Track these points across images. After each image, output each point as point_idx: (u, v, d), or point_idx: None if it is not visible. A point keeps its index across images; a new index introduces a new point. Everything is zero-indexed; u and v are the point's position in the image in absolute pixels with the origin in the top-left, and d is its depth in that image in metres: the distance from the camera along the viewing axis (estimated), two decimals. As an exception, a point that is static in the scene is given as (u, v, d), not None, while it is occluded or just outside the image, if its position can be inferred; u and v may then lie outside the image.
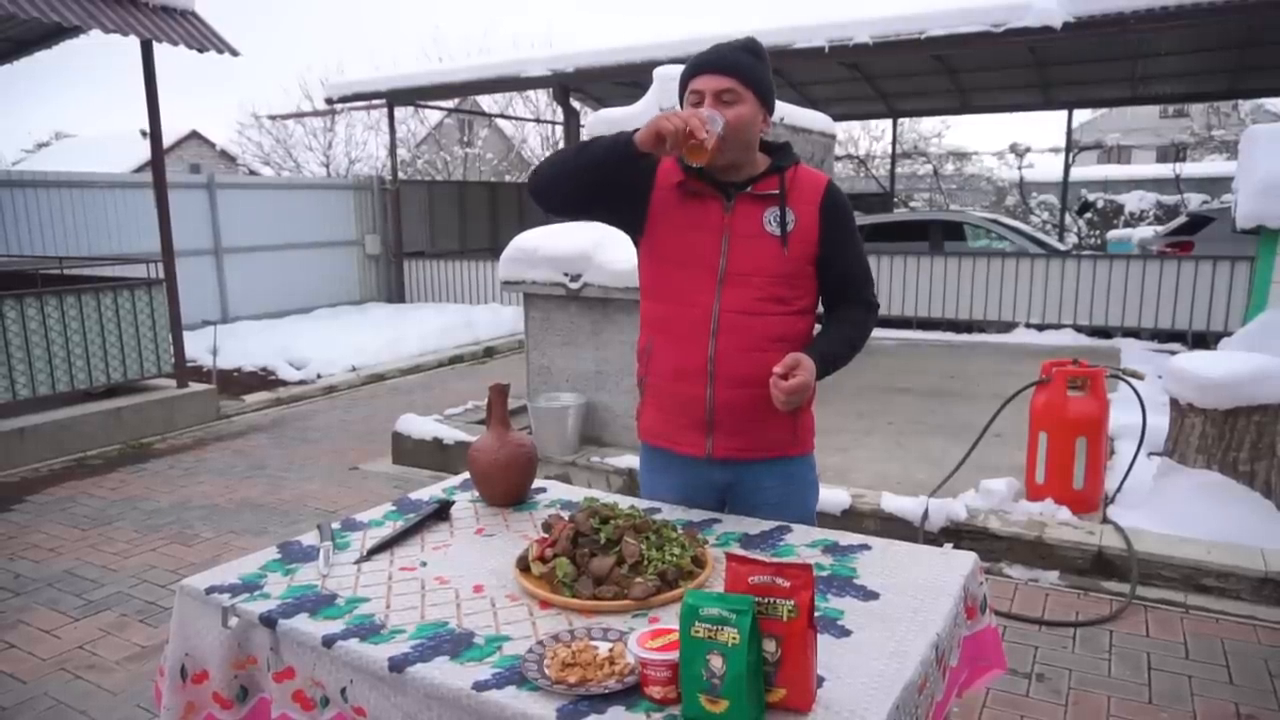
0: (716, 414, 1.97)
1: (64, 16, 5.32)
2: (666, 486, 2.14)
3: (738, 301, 1.92)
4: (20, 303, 5.80)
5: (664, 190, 1.99)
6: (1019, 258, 9.49)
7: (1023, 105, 13.66)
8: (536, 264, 5.06)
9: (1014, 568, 3.67)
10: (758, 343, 1.92)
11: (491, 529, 2.02)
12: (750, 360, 1.92)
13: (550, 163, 1.99)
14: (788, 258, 1.92)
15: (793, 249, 1.92)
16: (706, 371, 1.95)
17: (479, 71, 11.12)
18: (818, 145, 6.54)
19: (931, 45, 8.37)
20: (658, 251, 2.02)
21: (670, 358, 2.01)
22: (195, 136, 26.08)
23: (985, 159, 22.66)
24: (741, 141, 1.90)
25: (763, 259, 1.92)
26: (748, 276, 1.92)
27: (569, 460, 4.87)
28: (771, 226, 1.92)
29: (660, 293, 2.03)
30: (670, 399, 2.05)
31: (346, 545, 1.93)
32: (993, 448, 4.68)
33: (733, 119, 1.85)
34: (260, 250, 11.09)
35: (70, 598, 3.66)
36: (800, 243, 1.93)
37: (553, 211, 2.03)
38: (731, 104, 1.87)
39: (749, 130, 1.90)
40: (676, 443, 2.07)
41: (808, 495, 2.15)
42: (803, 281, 1.97)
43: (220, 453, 5.93)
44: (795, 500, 2.10)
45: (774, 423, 1.97)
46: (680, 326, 1.98)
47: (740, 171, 1.95)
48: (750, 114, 1.89)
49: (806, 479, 2.14)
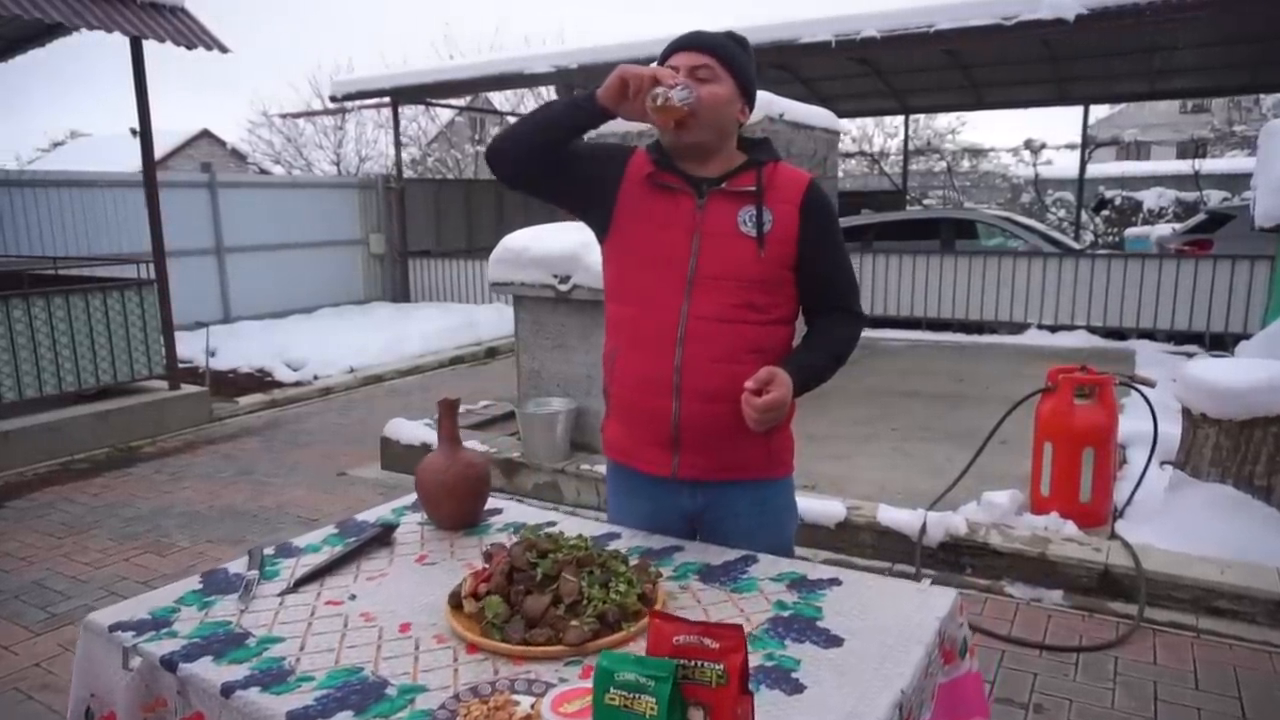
0: (682, 430, 1.80)
1: (46, 13, 5.22)
2: (633, 511, 1.99)
3: (708, 307, 1.75)
4: (6, 304, 5.71)
5: (633, 183, 1.84)
6: (1031, 257, 9.26)
7: (1038, 101, 13.39)
8: (525, 265, 4.91)
9: (1015, 586, 3.48)
10: (729, 353, 1.76)
11: (435, 556, 1.87)
12: (719, 372, 1.75)
13: (510, 125, 1.85)
14: (764, 260, 1.76)
15: (769, 251, 1.76)
16: (672, 383, 1.78)
17: (483, 69, 10.99)
18: (820, 142, 6.36)
19: (941, 39, 8.15)
20: (622, 249, 1.86)
21: (634, 366, 1.84)
22: (206, 135, 26.13)
23: (1001, 156, 22.36)
24: (714, 124, 1.75)
25: (736, 261, 1.76)
26: (719, 280, 1.75)
27: (558, 468, 4.72)
28: (746, 226, 1.76)
29: (625, 294, 1.87)
30: (633, 412, 1.89)
31: (275, 574, 1.78)
32: (998, 455, 4.50)
33: (706, 95, 1.72)
34: (263, 250, 11.01)
35: (34, 611, 3.55)
36: (778, 245, 1.77)
37: (508, 180, 1.86)
38: (706, 80, 1.74)
39: (722, 112, 1.76)
40: (639, 459, 1.91)
41: (783, 523, 1.98)
42: (781, 288, 1.81)
43: (209, 456, 5.83)
44: (769, 528, 1.93)
45: (746, 442, 1.79)
46: (645, 333, 1.81)
47: (713, 165, 1.80)
48: (725, 94, 1.75)
49: (782, 505, 1.97)
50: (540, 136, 1.78)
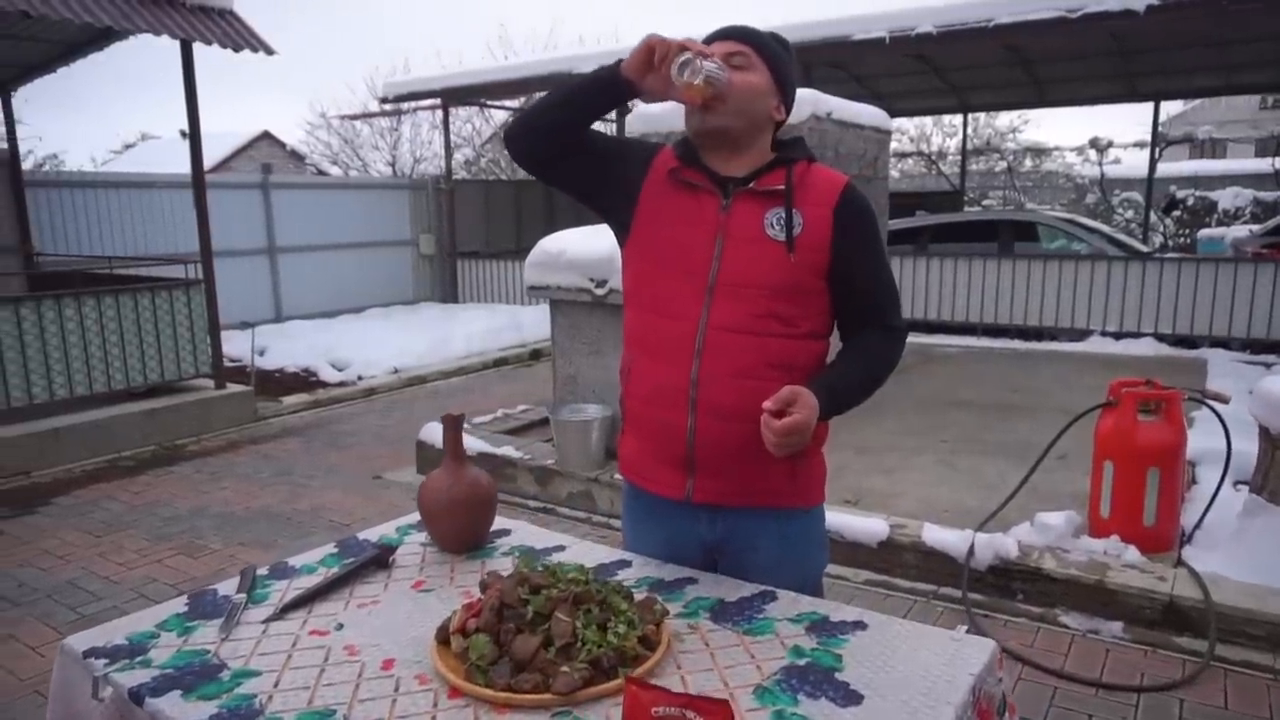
0: (697, 449, 1.66)
1: (96, 17, 5.29)
2: (648, 538, 1.84)
3: (729, 316, 1.61)
4: (59, 303, 5.82)
5: (656, 181, 1.71)
6: (1095, 260, 8.86)
7: (1105, 97, 12.85)
8: (561, 269, 4.81)
9: (1071, 616, 3.25)
10: (750, 368, 1.61)
11: (433, 581, 1.77)
12: (739, 388, 1.60)
13: (529, 108, 1.73)
14: (793, 265, 1.60)
15: (799, 256, 1.61)
16: (687, 397, 1.63)
17: (531, 69, 10.95)
18: (871, 141, 6.13)
19: (1001, 34, 7.84)
20: (641, 251, 1.73)
21: (648, 378, 1.70)
22: (267, 137, 26.73)
23: (1064, 155, 21.63)
24: (743, 111, 1.62)
25: (761, 268, 1.61)
26: (743, 288, 1.61)
27: (592, 476, 4.61)
28: (774, 230, 1.62)
29: (642, 300, 1.74)
30: (647, 427, 1.74)
31: (265, 597, 1.69)
32: (1054, 471, 4.25)
33: (738, 80, 1.60)
34: (314, 250, 11.14)
35: (65, 611, 3.56)
36: (808, 250, 1.61)
37: (522, 160, 1.75)
38: (741, 68, 1.62)
39: (754, 102, 1.63)
40: (653, 480, 1.76)
41: (810, 557, 1.81)
42: (811, 298, 1.65)
43: (249, 456, 5.86)
44: (793, 562, 1.76)
45: (768, 466, 1.63)
46: (661, 342, 1.68)
47: (741, 163, 1.66)
48: (759, 84, 1.63)
49: (809, 538, 1.80)
50: (558, 113, 1.67)
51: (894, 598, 3.53)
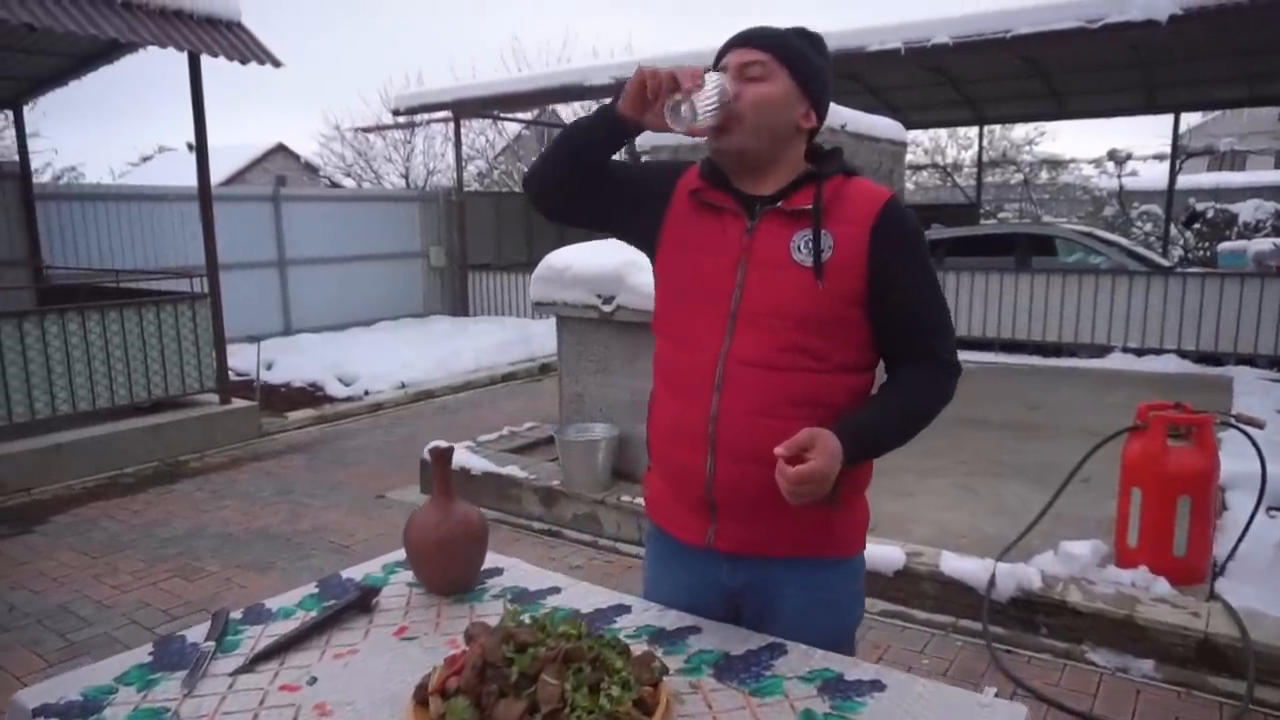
0: (718, 494, 1.52)
1: (102, 30, 5.24)
2: (670, 580, 1.70)
3: (750, 349, 1.48)
4: (62, 318, 5.76)
5: (680, 203, 1.60)
6: (1115, 274, 8.68)
7: (1124, 109, 12.66)
8: (568, 285, 4.70)
9: (1099, 652, 3.10)
10: (773, 405, 1.47)
11: (417, 628, 1.65)
12: (760, 428, 1.46)
13: (540, 156, 1.63)
14: (820, 294, 1.45)
15: (829, 283, 1.45)
16: (705, 436, 1.51)
17: (542, 81, 10.91)
18: (886, 155, 6.00)
19: (1019, 45, 7.70)
20: (666, 279, 1.62)
21: (667, 413, 1.59)
22: (281, 149, 26.86)
23: (1081, 167, 21.41)
24: (761, 128, 1.47)
25: (785, 296, 1.47)
26: (766, 317, 1.48)
27: (598, 499, 4.48)
28: (801, 254, 1.47)
29: (666, 329, 1.63)
30: (667, 466, 1.62)
31: (236, 645, 1.58)
32: (1077, 496, 4.09)
33: (751, 95, 1.46)
34: (324, 262, 11.10)
35: (54, 638, 3.46)
36: (839, 276, 1.46)
37: (545, 213, 1.67)
38: (756, 79, 1.47)
39: (772, 115, 1.47)
40: (674, 524, 1.64)
41: (841, 612, 1.65)
42: (843, 329, 1.49)
43: (252, 474, 5.76)
44: (822, 614, 1.59)
45: (796, 513, 1.44)
46: (680, 375, 1.57)
47: (770, 180, 1.52)
48: (777, 94, 1.47)
49: (843, 590, 1.64)
50: (566, 162, 1.58)
51: (911, 630, 3.38)
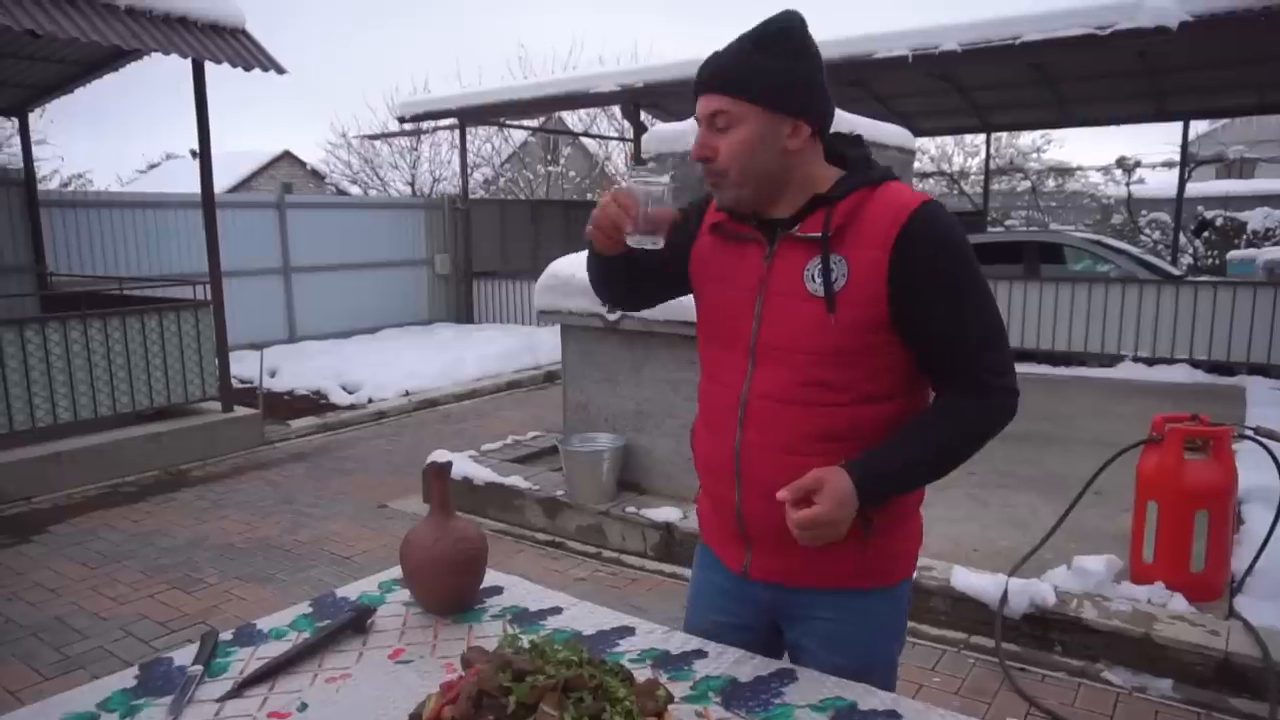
0: (748, 526, 1.51)
1: (104, 36, 5.22)
2: (713, 588, 1.69)
3: (771, 383, 1.44)
4: (64, 325, 5.72)
5: (705, 236, 1.57)
6: (1125, 283, 8.61)
7: (1132, 117, 12.59)
8: (573, 293, 4.65)
9: (1115, 671, 3.02)
10: (795, 441, 1.43)
11: (413, 650, 1.58)
12: (783, 464, 1.42)
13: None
14: (833, 327, 1.37)
15: (842, 315, 1.37)
16: (732, 470, 1.50)
17: (548, 88, 10.88)
18: (894, 162, 5.94)
19: (1028, 52, 7.66)
20: (699, 311, 1.60)
21: (702, 446, 1.60)
22: (288, 156, 26.91)
23: (1089, 175, 21.32)
24: (748, 174, 1.40)
25: (799, 328, 1.40)
26: (783, 351, 1.42)
27: (602, 510, 4.42)
28: (814, 283, 1.39)
29: (703, 364, 1.62)
30: (709, 495, 1.64)
31: (225, 668, 1.52)
32: (1090, 509, 4.02)
33: (724, 149, 1.39)
34: (329, 269, 11.08)
35: (49, 651, 3.41)
36: (855, 305, 1.36)
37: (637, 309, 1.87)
38: (726, 129, 1.39)
39: (754, 158, 1.39)
40: (719, 550, 1.65)
41: (877, 638, 1.56)
42: (868, 358, 1.40)
43: (253, 483, 5.72)
44: (856, 640, 1.52)
45: (827, 549, 1.39)
46: (711, 409, 1.57)
47: (783, 203, 1.45)
48: (749, 137, 1.38)
49: (879, 619, 1.55)
50: (603, 282, 1.68)
51: (921, 646, 3.31)
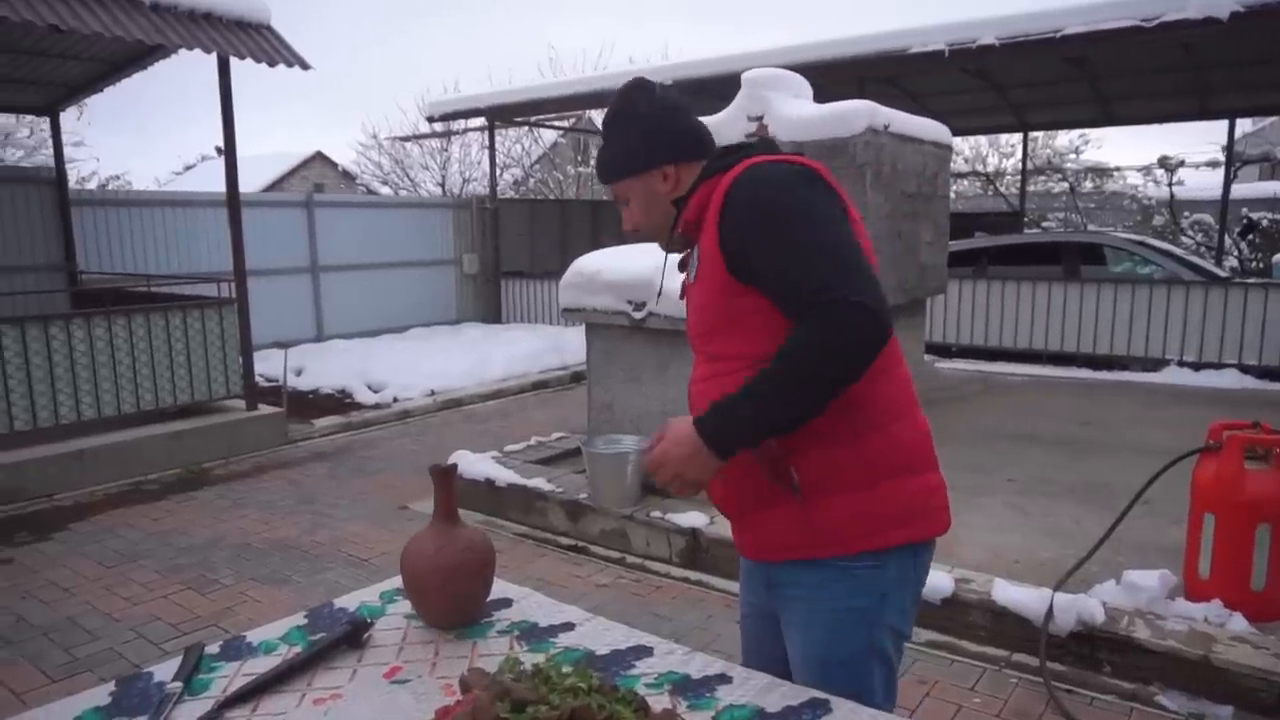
0: (720, 506, 1.64)
1: (128, 31, 5.18)
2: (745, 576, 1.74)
3: (699, 368, 1.60)
4: (88, 322, 5.71)
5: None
6: (1170, 285, 8.30)
7: (1174, 115, 12.21)
8: (598, 290, 4.52)
9: (1170, 695, 2.82)
10: None
11: (411, 669, 1.46)
12: None
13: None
14: (693, 311, 1.58)
15: (696, 298, 1.57)
16: None
17: (575, 86, 10.78)
18: (931, 157, 5.76)
19: (1069, 45, 7.39)
20: None
21: None
22: (320, 157, 27.12)
23: (1128, 175, 20.81)
24: (658, 224, 1.64)
25: (691, 317, 1.61)
26: (695, 339, 1.61)
27: (626, 514, 4.29)
28: (690, 275, 1.63)
29: None
30: None
31: (206, 686, 1.41)
32: (1138, 520, 3.79)
33: (634, 217, 1.65)
34: (357, 269, 11.06)
35: (59, 653, 3.34)
36: (704, 280, 1.51)
37: None
38: (628, 203, 1.65)
39: (654, 213, 1.63)
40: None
41: (837, 621, 1.48)
42: (747, 322, 1.45)
43: (274, 482, 5.65)
44: (814, 624, 1.51)
45: (771, 515, 1.50)
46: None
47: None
48: (641, 203, 1.62)
49: (838, 597, 1.47)
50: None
51: (960, 664, 3.13)
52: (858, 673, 1.48)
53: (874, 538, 1.46)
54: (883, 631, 1.50)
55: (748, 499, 1.53)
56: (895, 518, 1.47)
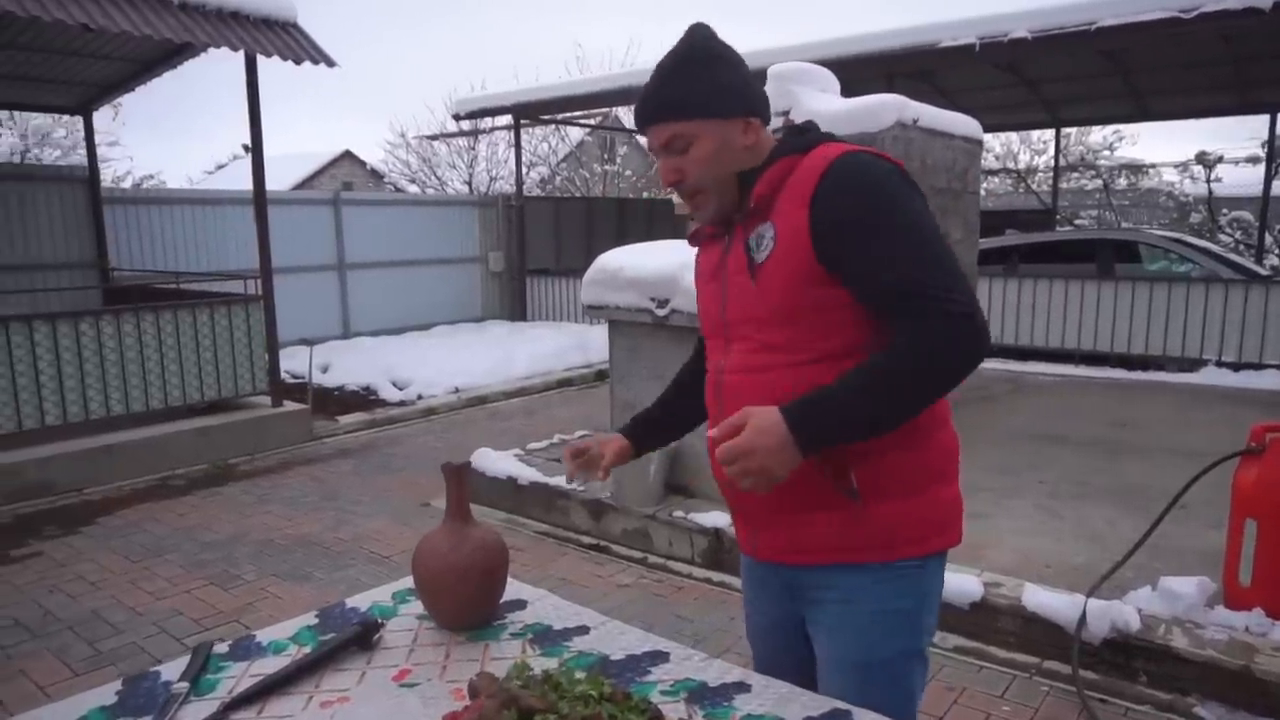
0: (738, 501, 1.55)
1: (157, 30, 5.22)
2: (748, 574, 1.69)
3: (738, 357, 1.49)
4: (117, 319, 5.76)
5: (697, 255, 1.66)
6: (1209, 283, 8.10)
7: (1212, 109, 11.94)
8: (621, 287, 4.48)
9: (1209, 707, 2.73)
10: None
11: (421, 671, 1.42)
12: None
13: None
14: (757, 293, 1.42)
15: (765, 280, 1.41)
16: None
17: (602, 83, 10.74)
18: (961, 152, 5.65)
19: (1104, 38, 7.23)
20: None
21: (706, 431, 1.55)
22: (349, 156, 27.33)
23: (1163, 172, 20.40)
24: (721, 179, 1.45)
25: (747, 300, 1.46)
26: (741, 324, 1.48)
27: (649, 514, 4.24)
28: (754, 255, 1.45)
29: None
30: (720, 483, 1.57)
31: (213, 686, 1.38)
32: (1174, 525, 3.70)
33: (691, 168, 1.44)
34: (383, 266, 11.11)
35: (82, 646, 3.36)
36: (779, 265, 1.39)
37: None
38: (685, 150, 1.44)
39: (722, 164, 1.44)
40: (737, 532, 1.64)
41: (877, 625, 1.45)
42: (818, 315, 1.39)
43: (298, 478, 5.68)
44: (854, 627, 1.46)
45: (816, 517, 1.43)
46: (706, 395, 1.61)
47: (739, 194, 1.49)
48: (711, 148, 1.43)
49: (880, 601, 1.44)
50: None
51: (989, 670, 3.05)
52: (901, 674, 1.48)
53: (920, 543, 1.46)
54: (922, 633, 1.50)
55: (792, 499, 1.43)
56: (938, 524, 1.48)
